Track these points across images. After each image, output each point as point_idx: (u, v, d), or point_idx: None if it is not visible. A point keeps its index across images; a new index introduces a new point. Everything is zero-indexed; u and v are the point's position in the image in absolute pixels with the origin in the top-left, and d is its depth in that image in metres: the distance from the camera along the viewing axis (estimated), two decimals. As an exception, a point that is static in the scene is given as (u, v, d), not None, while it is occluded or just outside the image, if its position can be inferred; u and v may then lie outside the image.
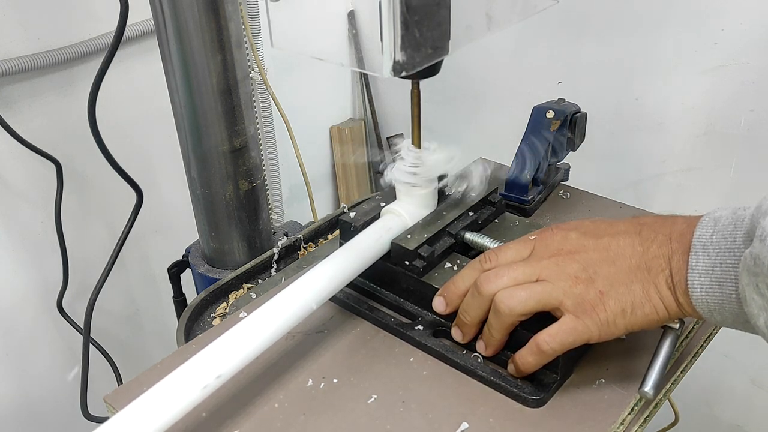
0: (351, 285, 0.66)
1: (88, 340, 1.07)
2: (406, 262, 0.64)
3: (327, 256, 0.63)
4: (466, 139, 1.62)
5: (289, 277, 0.81)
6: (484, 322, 0.59)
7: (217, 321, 0.77)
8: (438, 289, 0.62)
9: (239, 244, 0.92)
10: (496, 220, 0.74)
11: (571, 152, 0.85)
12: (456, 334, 0.61)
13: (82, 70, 1.16)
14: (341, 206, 0.80)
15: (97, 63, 0.82)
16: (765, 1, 1.13)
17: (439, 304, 0.62)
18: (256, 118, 0.88)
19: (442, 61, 0.59)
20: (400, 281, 0.66)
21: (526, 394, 0.57)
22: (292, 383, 0.60)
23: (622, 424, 0.56)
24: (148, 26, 1.19)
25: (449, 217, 0.68)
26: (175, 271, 0.99)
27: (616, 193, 0.87)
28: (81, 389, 1.12)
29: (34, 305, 1.23)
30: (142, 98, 1.24)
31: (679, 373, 0.63)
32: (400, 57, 0.52)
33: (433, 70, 0.59)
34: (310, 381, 0.60)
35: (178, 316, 1.01)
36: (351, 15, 1.44)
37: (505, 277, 0.57)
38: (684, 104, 1.28)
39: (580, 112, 0.83)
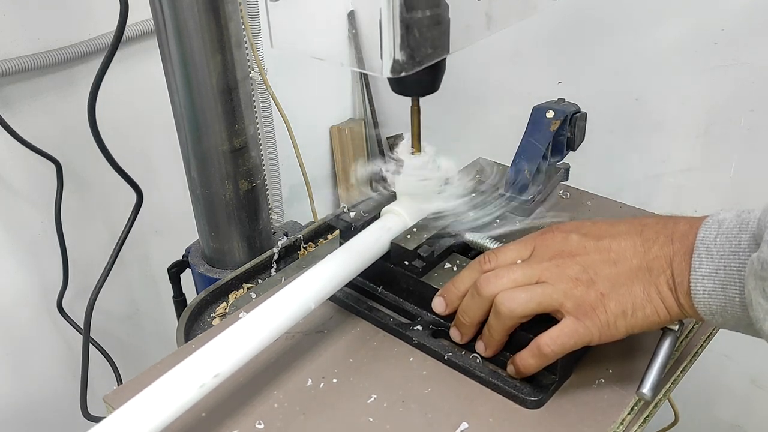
0: (350, 285, 0.66)
1: (88, 340, 1.08)
2: (406, 262, 0.64)
3: (327, 256, 0.63)
4: (466, 139, 1.62)
5: (289, 277, 0.81)
6: (483, 323, 0.59)
7: (216, 321, 0.77)
8: (437, 290, 0.62)
9: (239, 244, 0.92)
10: (497, 221, 0.74)
11: (571, 152, 0.85)
12: (454, 334, 0.61)
13: (82, 70, 1.16)
14: (341, 206, 0.80)
15: (97, 63, 0.82)
16: (765, 1, 1.13)
17: (438, 304, 0.62)
18: (256, 118, 0.88)
19: (442, 77, 0.60)
20: (400, 281, 0.66)
21: (524, 395, 0.57)
22: (292, 383, 0.60)
23: (621, 424, 0.56)
24: (148, 26, 1.19)
25: (449, 217, 0.68)
26: (175, 271, 0.99)
27: (616, 193, 0.87)
28: (81, 389, 1.12)
29: (34, 305, 1.23)
30: (142, 98, 1.24)
31: (679, 373, 0.63)
32: (400, 57, 0.52)
33: (432, 87, 0.60)
34: (310, 381, 0.60)
35: (178, 316, 1.01)
36: (351, 15, 1.44)
37: (505, 279, 0.56)
38: (684, 104, 1.28)
39: (580, 112, 0.83)
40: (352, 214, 0.70)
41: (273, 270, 0.86)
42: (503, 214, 0.72)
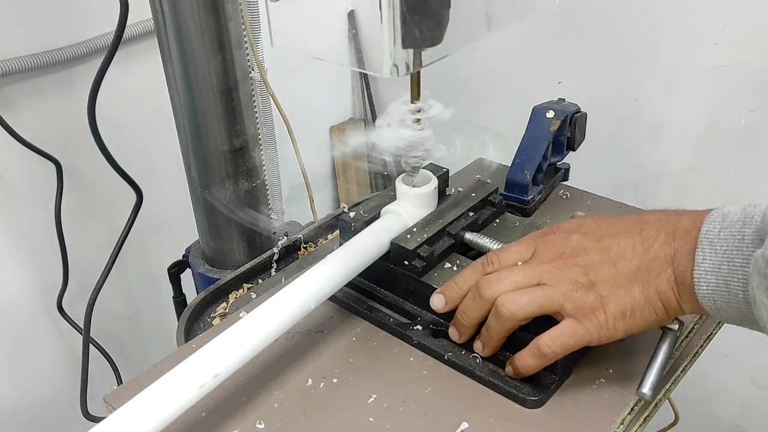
0: (350, 285, 0.66)
1: (88, 340, 1.08)
2: (406, 262, 0.64)
3: (327, 256, 0.63)
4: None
5: (289, 277, 0.81)
6: (481, 323, 0.59)
7: (217, 321, 0.77)
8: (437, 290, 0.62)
9: (239, 244, 0.92)
10: (497, 221, 0.74)
11: (571, 152, 0.85)
12: (453, 333, 0.61)
13: (82, 70, 1.16)
14: (341, 206, 0.80)
15: (97, 63, 0.82)
16: (765, 1, 1.13)
17: (437, 301, 0.61)
18: (256, 118, 0.88)
19: (445, 29, 0.57)
20: (400, 281, 0.66)
21: (524, 395, 0.57)
22: (292, 383, 0.60)
23: (621, 424, 0.56)
24: (148, 26, 1.19)
25: (449, 217, 0.68)
26: (175, 271, 0.99)
27: (616, 193, 0.87)
28: (81, 389, 1.12)
29: (34, 305, 1.23)
30: (142, 98, 1.24)
31: (679, 373, 0.63)
32: (400, 57, 0.52)
33: (436, 39, 0.58)
34: (310, 381, 0.60)
35: (178, 316, 1.01)
36: (351, 15, 1.44)
37: (507, 281, 0.56)
38: (684, 104, 1.28)
39: (580, 112, 0.83)
40: (352, 214, 0.70)
41: (273, 270, 0.86)
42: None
